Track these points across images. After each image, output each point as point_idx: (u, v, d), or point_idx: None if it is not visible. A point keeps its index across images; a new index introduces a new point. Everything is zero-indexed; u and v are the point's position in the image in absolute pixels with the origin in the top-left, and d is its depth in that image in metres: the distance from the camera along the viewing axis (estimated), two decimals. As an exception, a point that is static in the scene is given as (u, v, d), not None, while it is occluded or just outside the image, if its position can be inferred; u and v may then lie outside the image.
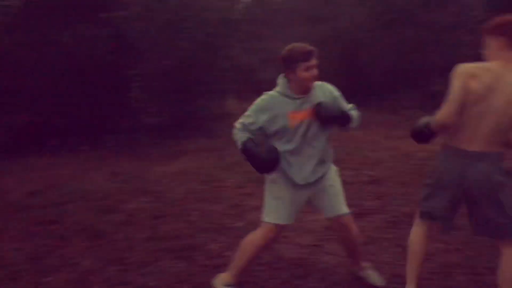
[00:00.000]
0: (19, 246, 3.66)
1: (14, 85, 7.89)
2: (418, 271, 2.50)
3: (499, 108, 2.11)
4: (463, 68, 2.16)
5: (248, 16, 18.07)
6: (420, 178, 5.17)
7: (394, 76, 11.67)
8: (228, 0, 9.60)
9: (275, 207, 2.67)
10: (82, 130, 7.74)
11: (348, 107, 2.69)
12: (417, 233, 2.51)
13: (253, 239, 2.74)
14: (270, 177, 2.67)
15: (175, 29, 7.70)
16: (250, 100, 9.76)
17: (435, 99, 9.70)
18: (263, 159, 2.47)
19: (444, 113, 2.20)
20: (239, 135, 2.60)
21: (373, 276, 2.86)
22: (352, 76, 11.41)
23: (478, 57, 2.32)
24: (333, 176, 2.76)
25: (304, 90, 2.54)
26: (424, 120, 2.43)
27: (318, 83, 2.61)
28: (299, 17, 15.95)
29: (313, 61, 2.47)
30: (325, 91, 2.63)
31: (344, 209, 2.73)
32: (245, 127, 2.60)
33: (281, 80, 2.59)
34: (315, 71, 2.49)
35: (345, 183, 4.98)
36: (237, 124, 2.63)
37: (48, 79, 7.89)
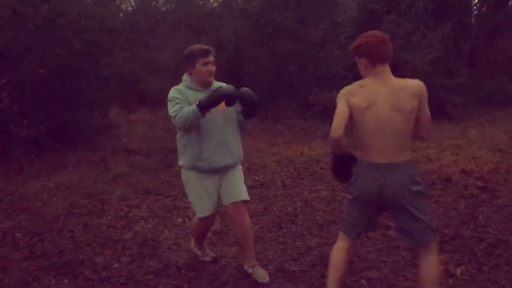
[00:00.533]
0: None
1: None
2: (338, 284, 2.51)
3: (388, 119, 2.27)
4: (344, 90, 2.34)
5: (131, 25, 17.69)
6: (301, 181, 5.65)
7: (276, 86, 12.38)
8: (108, 8, 9.31)
9: (199, 202, 3.01)
10: None
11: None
12: (339, 247, 2.54)
13: (194, 226, 3.26)
14: (184, 172, 3.01)
15: (49, 36, 7.26)
16: (135, 110, 9.74)
17: (312, 108, 10.60)
18: (227, 92, 2.76)
19: (333, 128, 2.27)
20: (184, 110, 2.76)
21: (260, 273, 3.09)
22: (237, 87, 11.84)
23: (349, 69, 2.71)
24: (238, 167, 3.09)
25: (205, 83, 2.93)
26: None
27: (217, 82, 3.00)
28: (184, 27, 16.06)
29: (211, 58, 2.88)
30: None
31: (244, 195, 3.02)
32: (181, 107, 2.80)
33: (185, 77, 2.98)
34: (212, 67, 2.90)
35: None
36: (173, 113, 2.80)
37: None
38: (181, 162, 3.01)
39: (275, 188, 5.41)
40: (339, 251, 2.52)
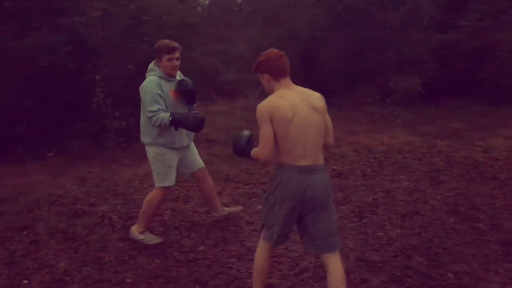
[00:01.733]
0: (-7, 252, 3.68)
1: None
2: (263, 285, 2.61)
3: (311, 120, 2.40)
4: (266, 106, 2.36)
5: (208, 19, 18.21)
6: (381, 171, 5.52)
7: (353, 73, 12.12)
8: (187, 3, 9.68)
9: (168, 173, 3.62)
10: (48, 136, 7.65)
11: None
12: (263, 249, 2.55)
13: (153, 198, 3.70)
14: (157, 152, 3.55)
15: (135, 33, 7.75)
16: (213, 102, 10.14)
17: (391, 94, 10.23)
18: (193, 118, 3.43)
19: (263, 152, 2.36)
20: (161, 116, 3.35)
21: (230, 210, 4.12)
22: (312, 75, 11.77)
23: (431, 52, 2.60)
24: (193, 144, 3.89)
25: (169, 75, 3.47)
26: (245, 135, 2.65)
27: (180, 74, 3.64)
28: (258, 18, 16.23)
29: (176, 55, 3.44)
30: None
31: (202, 163, 3.94)
32: (159, 109, 3.36)
33: (153, 66, 3.47)
34: (177, 62, 3.46)
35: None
36: (150, 113, 3.35)
37: (8, 86, 7.75)
38: (155, 140, 3.52)
39: (354, 177, 5.35)
40: (263, 253, 2.58)
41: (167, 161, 3.59)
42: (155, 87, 3.35)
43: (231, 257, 3.42)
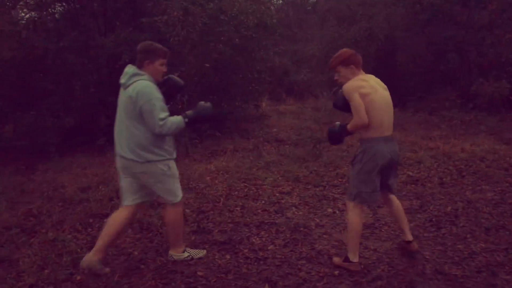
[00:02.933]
0: (77, 236, 3.94)
1: (62, 88, 8.32)
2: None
3: (386, 101, 3.07)
4: (350, 85, 3.00)
5: (281, 18, 18.22)
6: (461, 179, 5.18)
7: (431, 76, 11.53)
8: (262, 3, 9.74)
9: (179, 184, 3.34)
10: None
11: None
12: (357, 214, 3.12)
13: (175, 218, 3.31)
14: (165, 169, 3.13)
15: (213, 32, 7.92)
16: (282, 101, 10.09)
17: (474, 99, 9.58)
18: (208, 107, 3.16)
19: (361, 118, 2.94)
20: (173, 121, 3.00)
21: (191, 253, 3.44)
22: (387, 77, 11.35)
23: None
24: None
25: (156, 80, 3.11)
26: (337, 124, 3.19)
27: None
28: (333, 17, 15.95)
29: (166, 60, 3.13)
30: None
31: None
32: (167, 115, 2.98)
33: (139, 71, 3.03)
34: (165, 68, 3.13)
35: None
36: (162, 121, 2.94)
37: (93, 82, 8.28)
38: (161, 155, 3.09)
39: (431, 185, 5.07)
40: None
41: (175, 172, 3.23)
42: (157, 92, 2.98)
43: (301, 259, 3.38)
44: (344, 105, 3.11)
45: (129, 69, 3.03)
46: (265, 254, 3.48)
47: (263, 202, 4.74)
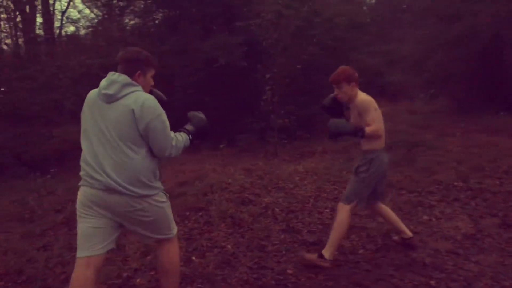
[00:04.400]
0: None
1: (164, 89, 8.92)
2: None
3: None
4: (368, 99, 3.21)
5: (375, 18, 17.69)
6: None
7: (544, 77, 10.43)
8: (355, 4, 9.57)
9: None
10: (220, 129, 8.45)
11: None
12: (348, 217, 3.28)
13: (177, 258, 2.63)
14: (164, 199, 2.48)
15: (305, 35, 7.97)
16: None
17: None
18: (204, 121, 2.72)
19: (380, 128, 3.22)
20: (179, 139, 2.47)
21: None
22: (493, 79, 10.49)
23: None
24: None
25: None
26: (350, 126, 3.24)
27: None
28: (431, 15, 15.10)
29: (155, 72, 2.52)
30: None
31: None
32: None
33: (132, 81, 2.36)
34: (152, 81, 2.52)
35: (488, 192, 4.70)
36: (173, 140, 2.40)
37: (190, 83, 8.76)
38: (158, 187, 2.42)
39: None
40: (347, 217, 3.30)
41: (169, 204, 2.56)
42: (159, 106, 2.36)
43: (393, 265, 3.27)
44: (331, 108, 3.39)
45: (118, 77, 2.33)
46: (356, 258, 3.43)
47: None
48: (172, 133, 2.40)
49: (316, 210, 4.50)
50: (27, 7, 13.99)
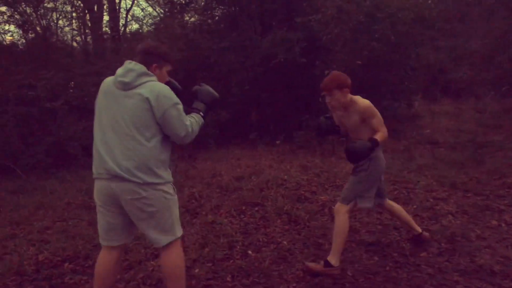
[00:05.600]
0: (232, 220, 4.28)
1: (221, 84, 9.06)
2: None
3: None
4: (369, 103, 3.18)
5: (440, 11, 16.87)
6: None
7: None
8: (422, -3, 9.17)
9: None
10: (277, 125, 8.46)
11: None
12: (347, 218, 3.19)
13: (181, 261, 2.52)
14: (172, 192, 2.45)
15: (367, 30, 7.75)
16: (437, 101, 9.37)
17: None
18: (209, 92, 2.70)
19: (386, 131, 3.17)
20: (192, 121, 2.49)
21: None
22: None
23: None
24: None
25: None
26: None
27: None
28: (502, 7, 14.16)
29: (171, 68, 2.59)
30: None
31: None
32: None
33: (148, 71, 2.39)
34: (168, 77, 2.58)
35: None
36: (189, 126, 2.43)
37: (248, 80, 8.82)
38: (165, 178, 2.40)
39: None
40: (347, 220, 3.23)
41: (177, 200, 2.53)
42: (174, 95, 2.40)
43: (457, 271, 3.12)
44: (327, 130, 3.44)
45: (135, 65, 2.38)
46: (417, 260, 3.30)
47: (414, 206, 4.49)
48: (187, 119, 2.43)
49: (375, 210, 4.37)
50: (95, 6, 14.75)
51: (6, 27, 12.22)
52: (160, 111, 2.30)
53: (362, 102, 3.16)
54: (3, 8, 11.30)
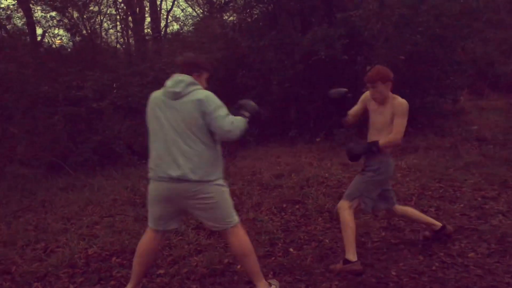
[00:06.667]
0: (273, 218, 4.29)
1: (261, 83, 9.09)
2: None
3: None
4: (407, 105, 3.17)
5: (489, 2, 16.15)
6: None
7: None
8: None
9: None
10: (317, 123, 8.39)
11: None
12: (351, 215, 3.19)
13: (244, 241, 2.78)
14: (225, 184, 2.77)
15: (410, 23, 7.54)
16: (484, 96, 9.00)
17: None
18: (255, 107, 2.88)
19: (401, 137, 3.15)
20: (237, 120, 2.67)
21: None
22: None
23: None
24: None
25: None
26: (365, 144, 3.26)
27: None
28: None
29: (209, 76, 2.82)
30: None
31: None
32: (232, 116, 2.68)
33: (195, 81, 2.67)
34: (207, 84, 2.80)
35: None
36: (231, 123, 2.60)
37: (289, 77, 8.79)
38: (220, 173, 2.72)
39: None
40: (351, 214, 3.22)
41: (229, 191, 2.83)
42: (217, 98, 2.65)
43: (509, 272, 2.99)
44: (336, 101, 3.41)
45: (184, 77, 2.66)
46: (465, 261, 3.19)
47: (461, 205, 4.34)
48: (231, 117, 2.63)
49: (419, 209, 4.24)
50: (137, 8, 15.15)
51: (56, 31, 12.80)
52: (208, 112, 2.55)
53: (401, 99, 3.20)
54: (53, 13, 11.83)
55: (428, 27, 7.08)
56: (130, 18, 15.27)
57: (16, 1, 11.95)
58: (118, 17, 14.59)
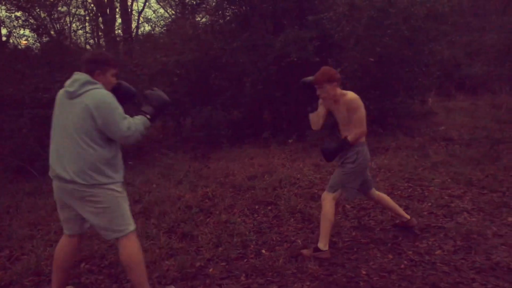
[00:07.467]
0: (245, 220, 4.29)
1: (234, 85, 9.09)
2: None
3: None
4: (358, 97, 3.31)
5: (454, 6, 16.63)
6: None
7: None
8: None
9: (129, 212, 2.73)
10: (289, 125, 8.45)
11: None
12: (333, 207, 3.43)
13: (137, 253, 2.71)
14: (120, 190, 2.65)
15: (379, 26, 7.68)
16: (452, 97, 9.28)
17: None
18: (159, 96, 2.80)
19: (365, 127, 3.32)
20: (136, 121, 2.62)
21: None
22: None
23: None
24: None
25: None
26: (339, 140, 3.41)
27: None
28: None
29: (117, 71, 2.71)
30: None
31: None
32: (129, 119, 2.60)
33: (92, 79, 2.58)
34: (115, 79, 2.72)
35: None
36: (128, 128, 2.54)
37: (261, 79, 8.82)
38: (114, 178, 2.60)
39: None
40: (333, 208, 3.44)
41: (126, 198, 2.72)
42: (114, 100, 2.55)
43: (473, 268, 3.08)
44: (310, 86, 3.40)
45: (80, 75, 2.57)
46: (432, 258, 3.27)
47: (429, 204, 4.45)
48: (126, 120, 2.55)
49: (354, 200, 4.36)
50: (108, 9, 14.90)
51: (21, 32, 12.41)
52: (101, 117, 2.49)
53: (351, 94, 3.34)
54: (18, 13, 11.47)
55: (397, 30, 7.24)
56: (100, 19, 15.00)
57: (-21, 1, 11.53)
58: (87, 18, 14.30)
